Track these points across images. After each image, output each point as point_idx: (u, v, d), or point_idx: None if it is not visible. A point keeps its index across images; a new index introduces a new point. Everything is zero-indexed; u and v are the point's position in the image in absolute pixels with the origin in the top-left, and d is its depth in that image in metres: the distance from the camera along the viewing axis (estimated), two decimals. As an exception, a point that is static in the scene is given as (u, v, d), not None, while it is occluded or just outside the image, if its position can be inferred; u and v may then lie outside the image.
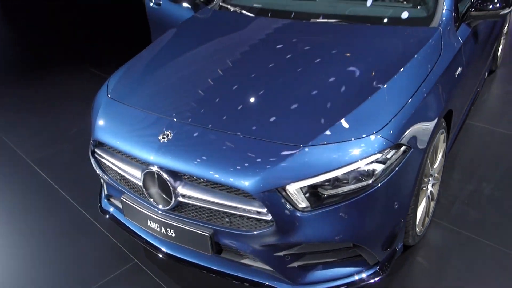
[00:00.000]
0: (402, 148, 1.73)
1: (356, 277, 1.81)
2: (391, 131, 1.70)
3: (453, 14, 2.34)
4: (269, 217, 1.63)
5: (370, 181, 1.63)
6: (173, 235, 1.90)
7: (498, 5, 2.32)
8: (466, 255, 2.29)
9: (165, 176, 1.78)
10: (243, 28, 2.76)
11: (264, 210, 1.63)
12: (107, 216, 2.39)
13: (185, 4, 3.56)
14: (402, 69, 2.00)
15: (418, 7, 2.49)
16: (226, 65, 2.31)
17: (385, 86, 1.90)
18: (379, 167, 1.66)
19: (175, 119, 1.94)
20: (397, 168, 1.70)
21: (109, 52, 5.97)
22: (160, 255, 2.08)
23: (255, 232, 1.69)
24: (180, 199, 1.81)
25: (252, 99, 2.01)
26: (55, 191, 3.07)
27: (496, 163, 3.06)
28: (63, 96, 4.68)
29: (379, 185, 1.65)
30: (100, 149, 2.16)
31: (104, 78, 2.71)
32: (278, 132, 1.76)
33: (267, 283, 1.85)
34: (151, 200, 1.91)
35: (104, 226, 2.68)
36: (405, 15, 2.42)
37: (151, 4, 3.96)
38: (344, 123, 1.72)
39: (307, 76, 2.10)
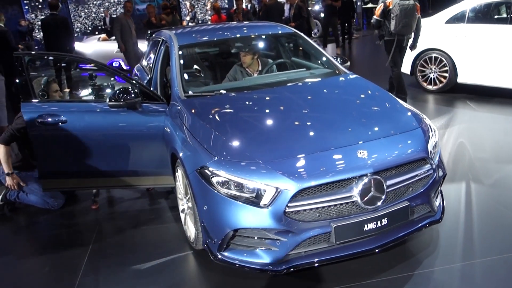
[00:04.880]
0: None
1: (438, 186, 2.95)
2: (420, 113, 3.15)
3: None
4: (432, 170, 2.73)
5: (435, 133, 2.96)
6: (386, 222, 2.53)
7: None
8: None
9: (379, 177, 2.48)
10: (258, 95, 3.43)
11: (430, 167, 2.71)
12: (292, 270, 2.48)
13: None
14: (379, 91, 3.44)
15: (325, 67, 4.01)
16: (288, 114, 3.08)
17: (391, 100, 3.26)
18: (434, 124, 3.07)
19: (344, 146, 2.61)
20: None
21: None
22: (371, 252, 2.56)
23: (430, 181, 2.72)
24: (388, 189, 2.52)
25: (344, 123, 2.88)
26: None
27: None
28: None
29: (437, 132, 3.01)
30: (296, 201, 2.41)
31: None
32: (391, 128, 2.81)
33: (429, 220, 2.78)
34: (367, 206, 2.47)
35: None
36: (327, 71, 3.88)
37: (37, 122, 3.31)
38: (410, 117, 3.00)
39: (346, 105, 3.19)
